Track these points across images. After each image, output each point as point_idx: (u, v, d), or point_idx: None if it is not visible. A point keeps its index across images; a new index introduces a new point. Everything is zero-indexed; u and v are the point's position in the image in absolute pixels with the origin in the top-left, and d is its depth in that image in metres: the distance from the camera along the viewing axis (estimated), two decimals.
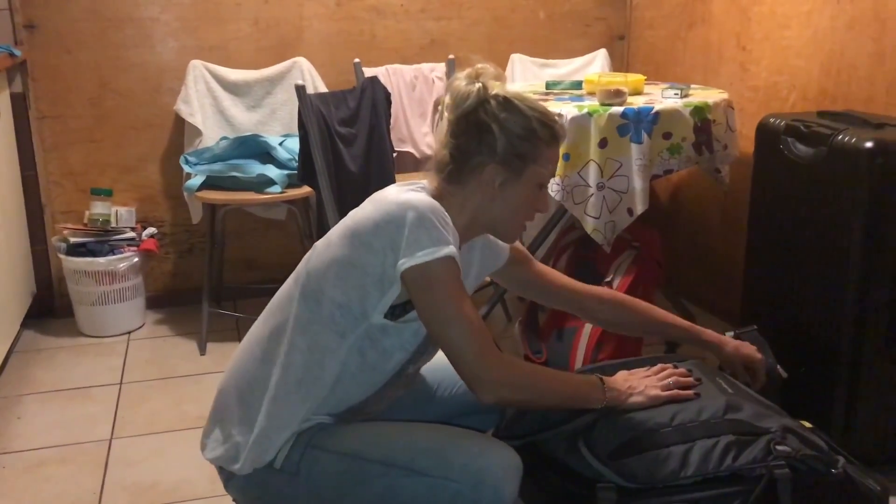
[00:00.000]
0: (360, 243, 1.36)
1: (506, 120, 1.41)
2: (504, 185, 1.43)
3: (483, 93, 1.41)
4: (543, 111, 1.44)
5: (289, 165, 2.85)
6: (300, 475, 1.39)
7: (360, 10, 3.22)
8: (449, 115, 1.45)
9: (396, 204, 1.35)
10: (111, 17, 2.98)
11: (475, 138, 1.41)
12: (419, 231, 1.31)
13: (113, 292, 2.95)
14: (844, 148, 1.90)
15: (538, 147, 1.42)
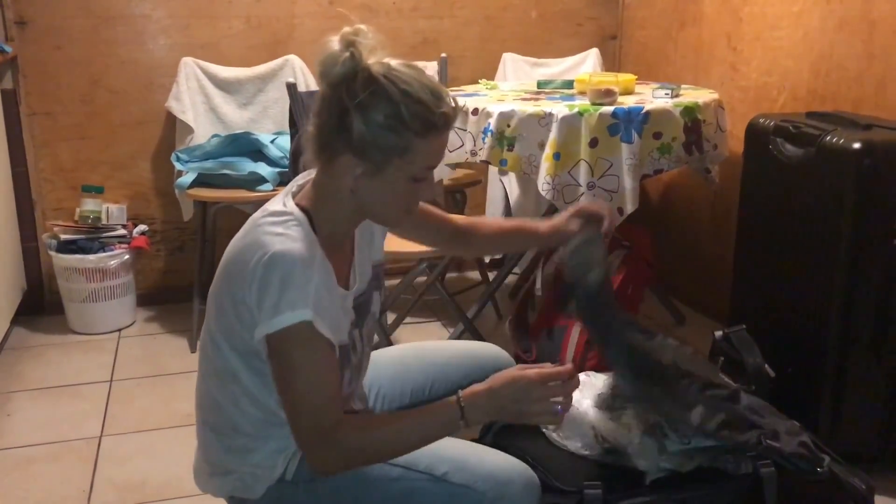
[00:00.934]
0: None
1: (368, 104, 1.19)
2: (364, 177, 1.24)
3: (350, 63, 1.20)
4: (419, 95, 1.19)
5: (280, 163, 2.85)
6: (316, 480, 1.31)
7: (352, 8, 3.22)
8: (319, 86, 1.26)
9: (254, 261, 1.22)
10: (102, 14, 2.98)
11: (334, 119, 1.22)
12: (281, 290, 1.19)
13: (103, 289, 2.94)
14: (832, 149, 1.91)
15: (406, 139, 1.20)
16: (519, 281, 3.19)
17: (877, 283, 1.91)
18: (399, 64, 1.23)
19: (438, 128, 1.23)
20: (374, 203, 1.29)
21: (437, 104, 1.21)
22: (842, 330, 1.94)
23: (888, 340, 1.94)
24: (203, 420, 1.41)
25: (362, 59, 1.21)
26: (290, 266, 1.20)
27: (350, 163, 1.23)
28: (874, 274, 1.91)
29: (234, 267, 1.28)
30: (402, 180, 1.25)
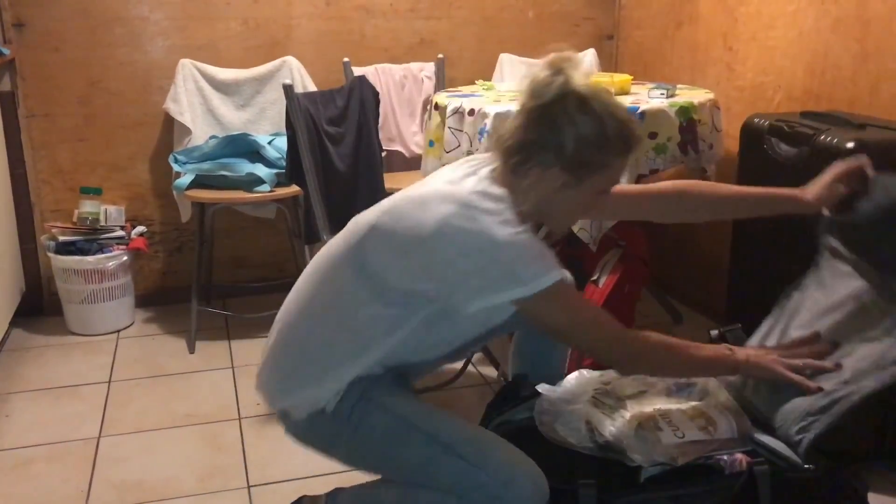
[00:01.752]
0: (449, 280, 1.36)
1: (581, 123, 1.33)
2: (563, 189, 1.38)
3: (564, 87, 1.34)
4: (622, 118, 1.36)
5: (278, 164, 2.86)
6: (350, 423, 1.44)
7: (350, 9, 3.23)
8: (525, 103, 1.38)
9: (482, 242, 1.32)
10: (100, 16, 2.99)
11: (546, 135, 1.35)
12: (517, 264, 1.33)
13: (102, 291, 2.95)
14: (826, 148, 1.92)
15: (607, 157, 1.36)
16: None
17: None
18: (598, 89, 1.37)
19: (631, 148, 1.38)
20: (559, 212, 1.44)
21: (632, 126, 1.38)
22: None
23: None
24: (293, 336, 1.52)
25: (572, 83, 1.34)
26: (524, 245, 1.34)
27: (555, 175, 1.36)
28: None
29: (436, 241, 1.34)
30: (592, 194, 1.41)
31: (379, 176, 2.58)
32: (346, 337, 1.45)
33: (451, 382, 2.59)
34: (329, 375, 1.45)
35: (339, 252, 1.48)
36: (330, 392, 1.45)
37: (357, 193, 2.47)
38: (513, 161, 1.38)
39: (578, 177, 1.36)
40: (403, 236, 1.37)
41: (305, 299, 1.52)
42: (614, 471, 1.43)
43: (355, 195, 2.47)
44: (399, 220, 1.40)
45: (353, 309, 1.43)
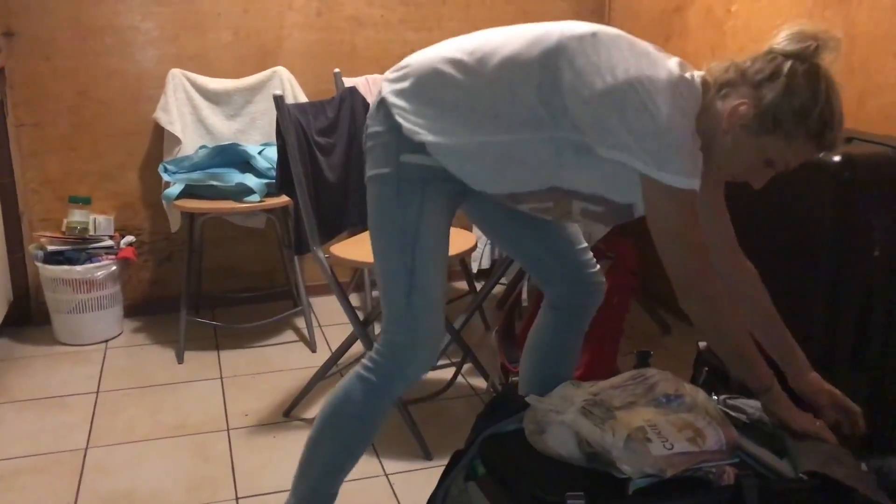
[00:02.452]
0: (610, 121, 1.40)
1: (798, 87, 1.37)
2: (744, 129, 1.41)
3: (807, 52, 1.37)
4: (833, 111, 1.38)
5: (268, 174, 2.86)
6: (391, 176, 1.55)
7: (340, 20, 3.24)
8: (773, 44, 1.41)
9: (661, 117, 1.37)
10: (91, 26, 2.99)
11: (764, 75, 1.39)
12: (678, 150, 1.38)
13: (90, 300, 2.94)
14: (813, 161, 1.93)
15: (798, 131, 1.39)
16: (506, 291, 3.21)
17: (858, 294, 1.93)
18: (833, 81, 1.39)
19: (823, 144, 1.41)
20: (726, 152, 1.45)
21: (837, 127, 1.40)
22: (824, 340, 1.96)
23: (869, 350, 1.96)
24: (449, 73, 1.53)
25: (817, 55, 1.37)
26: (688, 144, 1.40)
27: (746, 113, 1.40)
28: (855, 285, 1.93)
29: (629, 87, 1.39)
30: (761, 156, 1.43)
31: None
32: (488, 104, 1.49)
33: (441, 393, 2.59)
34: (449, 122, 1.51)
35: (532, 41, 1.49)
36: (430, 134, 1.51)
37: (347, 203, 2.47)
38: (724, 79, 1.43)
39: (762, 128, 1.39)
40: (605, 65, 1.41)
41: (480, 56, 1.52)
42: (603, 483, 1.43)
43: (345, 205, 2.47)
44: (609, 49, 1.44)
45: (512, 87, 1.47)
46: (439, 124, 1.52)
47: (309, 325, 3.00)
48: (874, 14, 2.25)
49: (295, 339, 3.05)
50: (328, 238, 2.40)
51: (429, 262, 1.58)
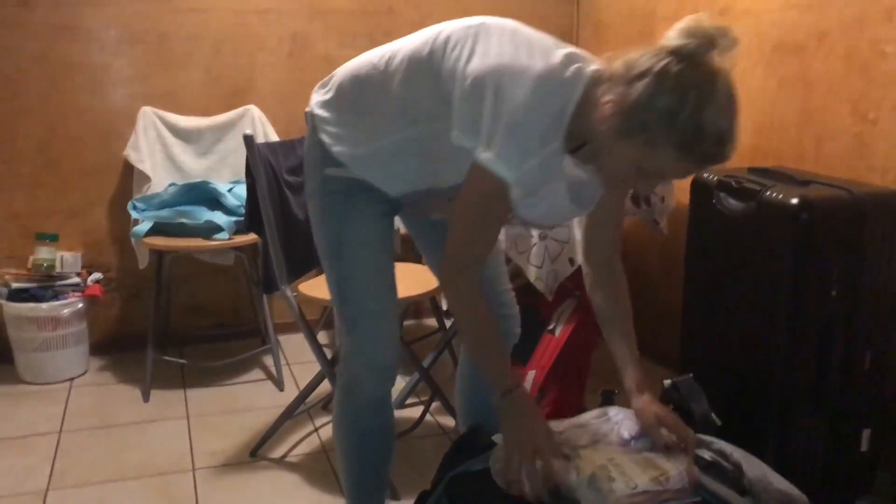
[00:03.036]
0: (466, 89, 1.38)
1: (666, 88, 1.22)
2: (611, 130, 1.29)
3: (686, 50, 1.23)
4: (703, 121, 1.21)
5: (237, 212, 2.87)
6: (320, 187, 1.64)
7: (312, 59, 3.28)
8: (669, 37, 1.26)
9: (522, 97, 1.32)
10: (61, 64, 2.99)
11: (639, 71, 1.25)
12: (509, 137, 1.32)
13: (55, 338, 2.91)
14: (772, 204, 1.99)
15: (662, 138, 1.24)
16: None
17: (816, 332, 1.98)
18: (729, 89, 1.25)
19: (691, 157, 1.25)
20: (602, 153, 1.35)
21: (710, 140, 1.23)
22: (784, 377, 2.00)
23: (828, 387, 2.00)
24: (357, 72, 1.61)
25: (701, 54, 1.23)
26: (524, 131, 1.33)
27: (610, 108, 1.28)
28: (814, 324, 1.97)
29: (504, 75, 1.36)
30: (628, 161, 1.30)
31: None
32: (396, 100, 1.53)
33: (409, 432, 2.58)
34: (364, 128, 1.57)
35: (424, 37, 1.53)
36: (343, 145, 1.58)
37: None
38: (609, 74, 1.33)
39: (624, 129, 1.27)
40: (479, 53, 1.40)
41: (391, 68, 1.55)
42: None
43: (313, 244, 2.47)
44: (489, 37, 1.43)
45: (410, 81, 1.51)
46: (354, 132, 1.58)
47: (277, 364, 2.99)
48: (828, 62, 2.33)
49: (263, 377, 3.03)
50: (297, 276, 2.40)
51: (356, 274, 1.64)
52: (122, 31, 3.04)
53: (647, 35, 3.11)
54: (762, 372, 2.06)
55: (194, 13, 3.11)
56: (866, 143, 2.23)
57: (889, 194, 2.00)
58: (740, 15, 2.65)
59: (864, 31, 2.21)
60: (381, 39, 3.32)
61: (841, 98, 2.30)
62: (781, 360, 2.00)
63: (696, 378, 2.08)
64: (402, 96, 1.53)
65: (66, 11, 2.96)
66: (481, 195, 1.40)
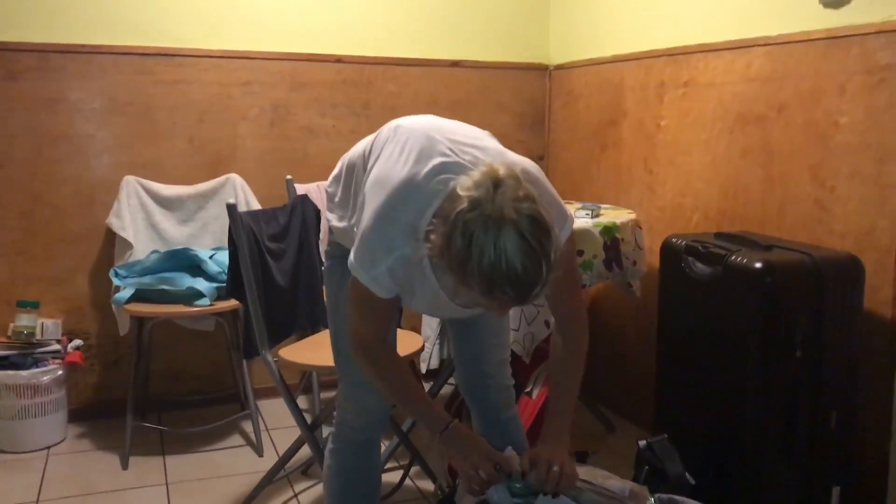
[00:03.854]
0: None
1: (457, 237, 1.30)
2: (436, 264, 1.43)
3: (475, 199, 1.30)
4: (491, 268, 1.27)
5: (218, 278, 2.91)
6: (328, 253, 1.88)
7: (293, 129, 3.37)
8: (462, 183, 1.35)
9: (377, 206, 1.48)
10: (47, 134, 3.06)
11: (444, 215, 1.34)
12: (361, 243, 1.50)
13: (34, 406, 2.90)
14: (737, 268, 2.07)
15: (467, 280, 1.32)
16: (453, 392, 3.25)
17: (783, 392, 2.04)
18: (520, 235, 1.27)
19: (496, 298, 1.31)
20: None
21: (505, 283, 1.28)
22: (754, 437, 2.05)
23: (797, 445, 2.06)
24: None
25: (487, 202, 1.29)
26: (375, 235, 1.49)
27: (430, 249, 1.38)
28: (781, 384, 2.04)
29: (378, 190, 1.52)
30: (458, 292, 1.40)
31: (318, 290, 2.64)
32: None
33: (389, 496, 2.59)
34: (350, 207, 1.72)
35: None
36: (334, 218, 1.79)
37: (296, 307, 2.53)
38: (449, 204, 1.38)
39: (444, 265, 1.35)
40: (381, 160, 1.56)
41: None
42: None
43: (294, 309, 2.52)
44: (388, 143, 1.59)
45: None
46: (341, 209, 1.77)
47: (256, 429, 3.00)
48: (788, 131, 2.45)
49: (242, 443, 3.03)
50: (277, 342, 2.44)
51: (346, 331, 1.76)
52: (107, 102, 3.12)
53: (616, 104, 3.24)
54: (733, 432, 2.11)
55: (178, 85, 3.20)
56: (826, 209, 2.33)
57: (847, 258, 2.10)
58: (704, 88, 2.78)
59: (820, 103, 2.34)
60: (359, 110, 3.46)
61: (801, 166, 2.41)
62: (751, 420, 2.06)
63: (670, 439, 2.14)
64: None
65: (52, 84, 3.04)
66: (355, 290, 1.56)
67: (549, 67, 3.73)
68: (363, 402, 1.85)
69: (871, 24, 2.16)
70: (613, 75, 3.27)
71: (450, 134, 1.56)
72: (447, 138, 1.53)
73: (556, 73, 3.69)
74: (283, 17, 3.31)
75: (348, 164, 1.78)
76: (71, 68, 3.06)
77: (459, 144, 1.53)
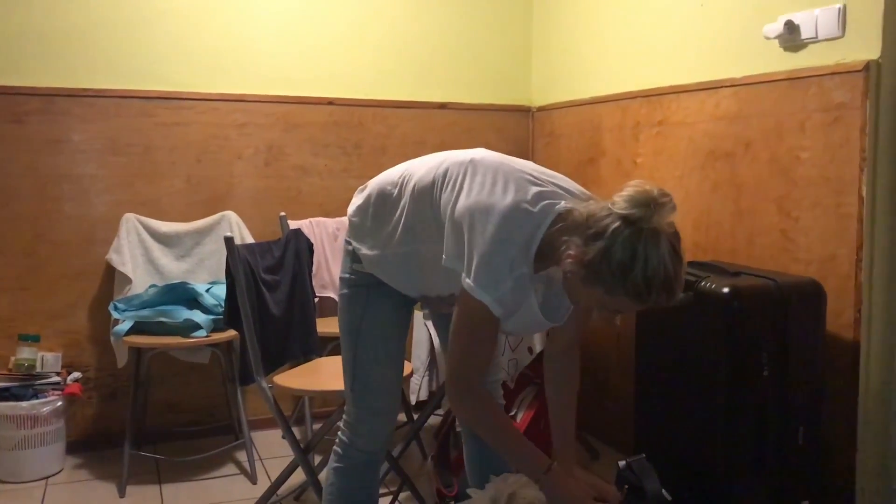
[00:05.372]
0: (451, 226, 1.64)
1: (618, 249, 1.44)
2: (572, 275, 1.52)
3: (634, 217, 1.44)
4: (652, 275, 1.44)
5: (214, 311, 3.02)
6: (347, 287, 1.94)
7: (287, 168, 3.51)
8: (615, 197, 1.50)
9: (492, 230, 1.56)
10: (50, 174, 3.18)
11: (594, 231, 1.48)
12: (483, 265, 1.55)
13: (33, 436, 2.98)
14: (706, 293, 2.20)
15: (617, 288, 1.47)
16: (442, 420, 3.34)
17: (752, 410, 2.15)
18: (672, 245, 1.47)
19: (644, 301, 1.48)
20: (566, 287, 1.60)
21: (658, 288, 1.45)
22: (726, 454, 2.16)
23: (767, 462, 2.16)
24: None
25: (647, 219, 1.45)
26: (497, 258, 1.56)
27: (572, 263, 1.51)
28: (749, 402, 2.15)
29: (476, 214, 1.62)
30: (590, 301, 1.56)
31: (311, 320, 2.75)
32: (408, 219, 1.78)
33: None
34: (381, 235, 1.83)
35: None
36: (363, 247, 1.86)
37: (290, 336, 2.64)
38: (572, 220, 1.55)
39: (586, 278, 1.50)
40: (465, 190, 1.64)
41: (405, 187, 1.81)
42: None
43: (288, 338, 2.63)
44: (475, 175, 1.67)
45: (418, 205, 1.76)
46: (371, 238, 1.84)
47: (250, 458, 3.08)
48: (754, 167, 2.60)
49: (236, 471, 3.11)
50: (272, 369, 2.54)
51: (369, 356, 1.88)
52: (109, 143, 3.25)
53: (595, 144, 3.40)
54: (706, 450, 2.22)
55: (177, 127, 3.34)
56: (790, 238, 2.47)
57: (809, 282, 2.23)
58: (676, 126, 2.94)
59: (783, 139, 2.49)
60: (350, 150, 3.60)
61: (767, 199, 2.55)
62: (722, 438, 2.17)
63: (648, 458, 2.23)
64: (410, 216, 1.78)
65: (56, 127, 3.18)
66: (469, 317, 1.61)
67: (532, 109, 3.90)
68: (378, 429, 1.95)
69: (826, 66, 2.33)
70: (592, 116, 3.43)
71: (524, 165, 1.72)
72: (525, 169, 1.69)
73: (539, 115, 3.86)
74: (277, 63, 3.48)
75: (378, 194, 1.86)
76: (75, 111, 3.20)
77: (538, 174, 1.68)
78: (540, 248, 1.58)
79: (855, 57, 2.25)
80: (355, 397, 1.93)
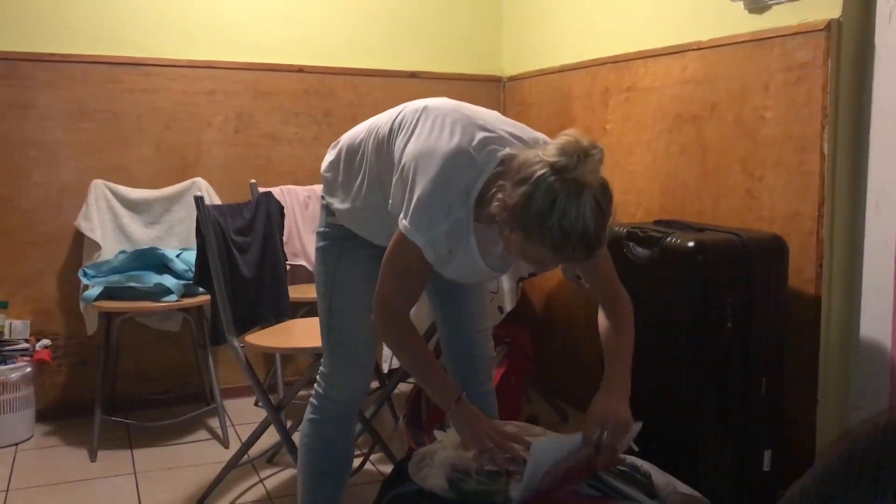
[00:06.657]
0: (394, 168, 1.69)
1: (539, 196, 1.42)
2: (500, 222, 1.51)
3: (559, 166, 1.42)
4: (569, 227, 1.41)
5: (185, 276, 3.01)
6: (322, 239, 1.94)
7: (257, 136, 3.50)
8: (546, 150, 1.46)
9: (432, 173, 1.57)
10: (16, 140, 3.15)
11: (521, 177, 1.45)
12: (419, 207, 1.57)
13: (2, 402, 2.96)
14: (672, 248, 2.24)
15: (535, 237, 1.45)
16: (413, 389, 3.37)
17: (716, 361, 2.20)
18: (596, 198, 1.42)
19: (562, 254, 1.46)
20: (502, 238, 1.58)
21: (576, 242, 1.43)
22: (691, 405, 2.21)
23: (730, 412, 2.22)
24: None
25: (572, 169, 1.42)
26: (432, 201, 1.58)
27: (500, 204, 1.50)
28: (713, 354, 2.20)
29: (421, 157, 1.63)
30: (516, 249, 1.54)
31: (283, 284, 2.76)
32: (376, 169, 1.79)
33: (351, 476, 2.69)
34: (352, 188, 1.85)
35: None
36: (335, 201, 1.89)
37: (262, 298, 2.64)
38: (509, 166, 1.52)
39: (508, 224, 1.48)
40: (415, 137, 1.66)
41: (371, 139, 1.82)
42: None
43: (260, 300, 2.64)
44: (425, 122, 1.67)
45: (380, 154, 1.78)
46: (343, 191, 1.87)
47: (222, 424, 3.08)
48: (720, 129, 2.64)
49: (208, 436, 3.12)
50: (243, 331, 2.55)
51: (344, 307, 1.90)
52: (75, 109, 3.22)
53: (565, 111, 3.43)
54: (672, 401, 2.26)
55: (145, 93, 3.32)
56: (755, 197, 2.52)
57: (772, 238, 2.28)
58: (645, 91, 2.97)
59: (747, 100, 2.53)
60: (320, 119, 3.60)
61: (732, 159, 2.60)
62: (687, 389, 2.21)
63: None
64: (374, 167, 1.80)
65: (21, 92, 3.14)
66: (400, 256, 1.64)
67: (503, 79, 3.92)
68: (353, 380, 1.97)
69: (789, 26, 2.37)
70: (562, 84, 3.46)
71: (477, 112, 1.71)
72: (479, 115, 1.69)
73: (510, 84, 3.88)
74: (246, 29, 3.46)
75: (347, 149, 1.89)
76: (41, 76, 3.16)
77: (491, 121, 1.68)
78: (482, 193, 1.59)
79: (817, 17, 2.29)
80: (331, 348, 1.95)
